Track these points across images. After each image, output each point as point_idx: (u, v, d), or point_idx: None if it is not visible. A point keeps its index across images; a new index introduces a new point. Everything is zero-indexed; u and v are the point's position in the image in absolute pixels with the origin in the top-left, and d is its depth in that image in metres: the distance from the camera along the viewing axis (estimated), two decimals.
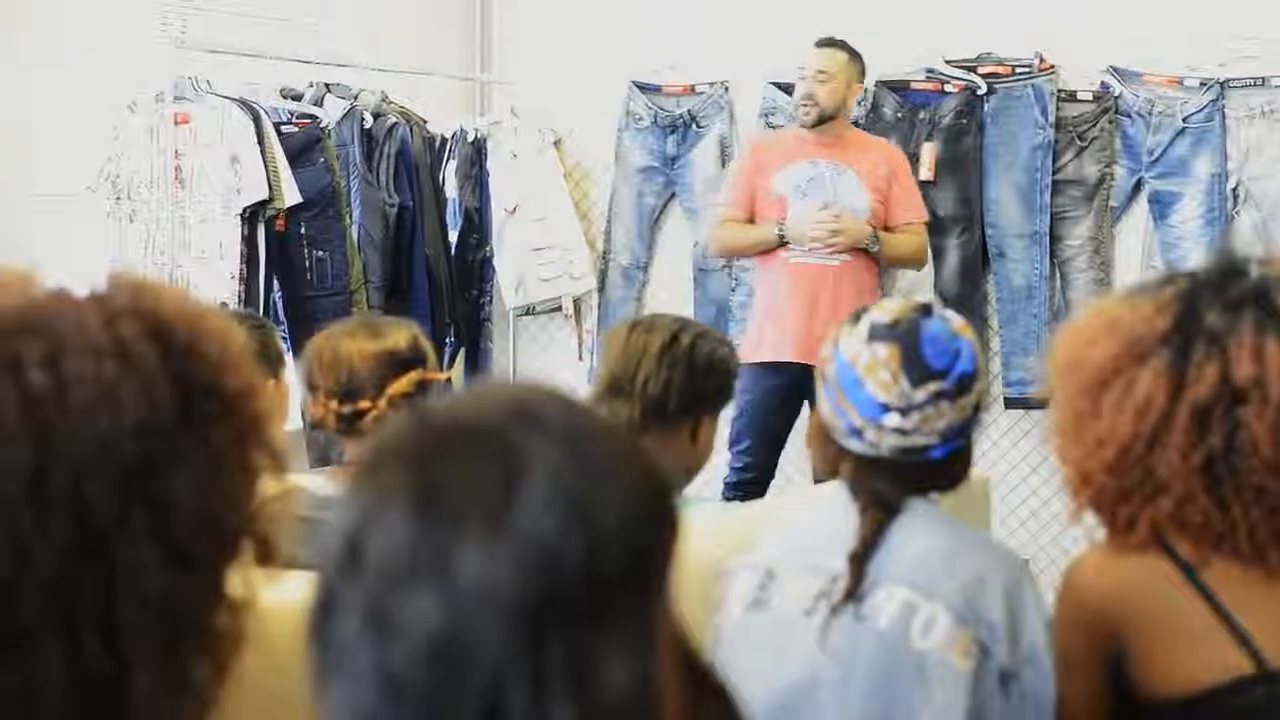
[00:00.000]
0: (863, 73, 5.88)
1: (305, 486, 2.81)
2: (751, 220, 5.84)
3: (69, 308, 1.30)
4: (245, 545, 1.33)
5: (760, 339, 5.81)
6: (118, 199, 5.88)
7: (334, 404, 3.07)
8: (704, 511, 3.03)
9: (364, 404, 3.05)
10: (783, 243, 5.73)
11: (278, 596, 1.37)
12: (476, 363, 7.35)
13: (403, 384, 3.07)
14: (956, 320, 2.37)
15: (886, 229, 5.79)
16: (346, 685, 1.11)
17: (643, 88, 7.25)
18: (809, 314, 5.65)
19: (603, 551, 1.10)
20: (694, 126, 7.17)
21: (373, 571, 1.10)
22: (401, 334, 3.14)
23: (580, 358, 7.46)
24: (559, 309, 7.39)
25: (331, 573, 1.13)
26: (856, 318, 2.37)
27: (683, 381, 3.09)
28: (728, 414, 3.86)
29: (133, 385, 1.26)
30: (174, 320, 1.31)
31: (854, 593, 2.26)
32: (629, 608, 1.11)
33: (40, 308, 1.30)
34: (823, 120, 5.75)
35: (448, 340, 6.86)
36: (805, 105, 5.77)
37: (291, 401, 3.34)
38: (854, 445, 2.33)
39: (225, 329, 1.36)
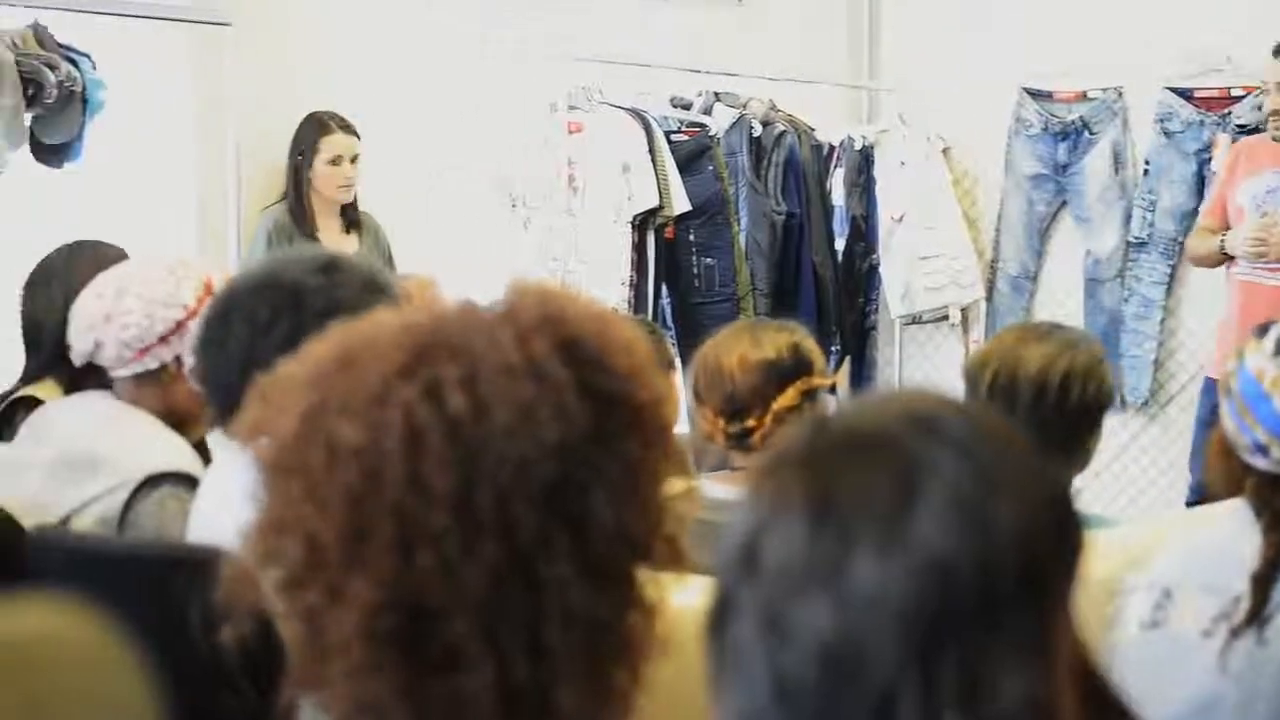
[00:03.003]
0: None
1: (702, 489, 2.83)
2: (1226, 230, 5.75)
3: (480, 325, 1.31)
4: (656, 551, 1.34)
5: (1217, 357, 5.68)
6: (513, 206, 6.04)
7: (721, 422, 3.07)
8: (1098, 527, 2.95)
9: (751, 422, 3.04)
10: (1228, 256, 5.60)
11: (684, 599, 1.38)
12: (862, 371, 7.33)
13: (788, 397, 3.04)
14: None
15: None
16: (741, 688, 1.12)
17: (1034, 94, 7.12)
18: None
19: (999, 563, 1.08)
20: (1086, 133, 7.02)
21: (768, 576, 1.10)
22: (782, 340, 3.09)
23: None
24: (945, 318, 7.31)
25: (729, 576, 1.13)
26: (1263, 331, 2.29)
27: (1054, 424, 2.98)
28: None
29: (549, 404, 1.27)
30: (582, 333, 1.32)
31: (1257, 615, 2.18)
32: (1025, 621, 1.09)
33: (452, 326, 1.31)
34: None
35: (833, 348, 6.85)
36: (1274, 119, 5.60)
37: (681, 406, 3.36)
38: (1258, 462, 2.25)
39: (631, 338, 1.37)
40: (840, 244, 7.15)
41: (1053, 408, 2.96)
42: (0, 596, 0.93)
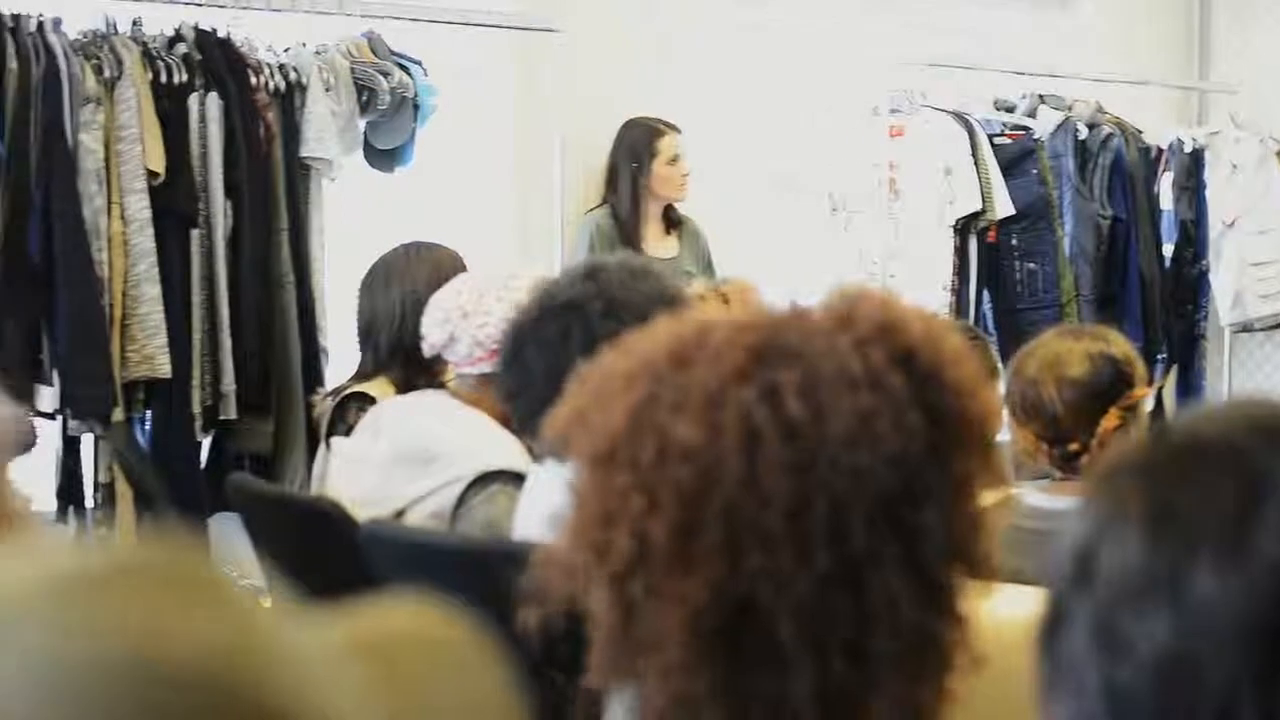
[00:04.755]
0: None
1: (1021, 497, 2.79)
2: None
3: (817, 332, 1.30)
4: (977, 563, 1.32)
5: None
6: (833, 210, 6.04)
7: (1045, 446, 3.01)
8: None
9: (1074, 446, 2.97)
10: None
11: (998, 610, 1.36)
12: (1190, 380, 7.14)
13: (1111, 419, 2.95)
14: None
15: None
16: (1071, 702, 1.09)
17: None
18: None
19: None
20: None
21: (1103, 587, 1.08)
22: (1096, 353, 2.98)
23: None
24: (1278, 327, 7.09)
25: (1061, 586, 1.11)
26: None
27: None
28: None
29: (886, 416, 1.26)
30: (919, 345, 1.31)
31: None
32: None
33: (788, 330, 1.31)
34: None
35: (1159, 357, 6.70)
36: None
37: (1002, 415, 3.31)
38: None
39: (964, 351, 1.35)
40: (1168, 249, 6.98)
41: None
42: (362, 595, 0.96)
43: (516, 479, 2.82)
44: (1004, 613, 1.32)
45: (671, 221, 5.59)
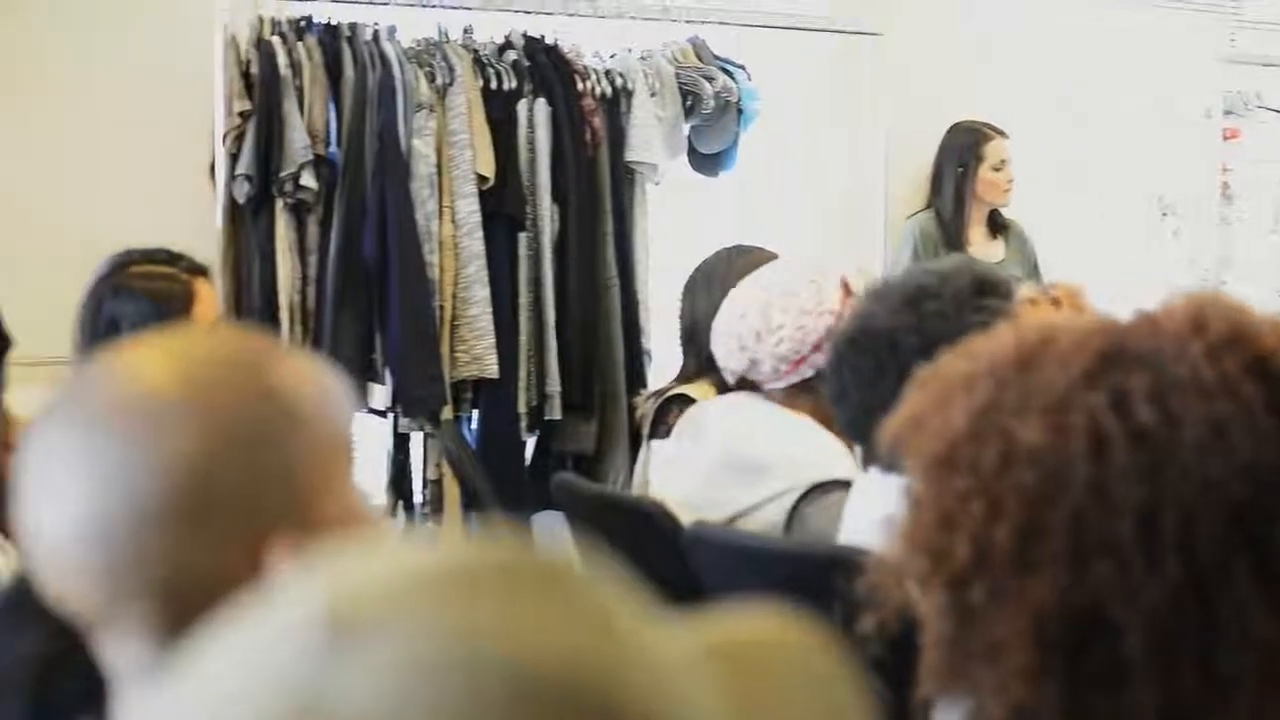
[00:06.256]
0: None
1: None
2: None
3: (1167, 337, 1.28)
4: None
5: None
6: (1163, 215, 5.91)
7: None
8: None
9: None
10: None
11: None
12: None
13: None
14: None
15: None
16: None
17: None
18: None
19: None
20: None
21: None
22: None
23: None
24: None
25: None
26: None
27: None
28: None
29: (1240, 425, 1.22)
30: (1274, 353, 1.27)
31: None
32: None
33: (1138, 336, 1.28)
34: None
35: None
36: None
37: None
38: None
39: None
40: None
41: None
42: (684, 596, 0.96)
43: (848, 487, 2.80)
44: None
45: (997, 225, 5.52)
